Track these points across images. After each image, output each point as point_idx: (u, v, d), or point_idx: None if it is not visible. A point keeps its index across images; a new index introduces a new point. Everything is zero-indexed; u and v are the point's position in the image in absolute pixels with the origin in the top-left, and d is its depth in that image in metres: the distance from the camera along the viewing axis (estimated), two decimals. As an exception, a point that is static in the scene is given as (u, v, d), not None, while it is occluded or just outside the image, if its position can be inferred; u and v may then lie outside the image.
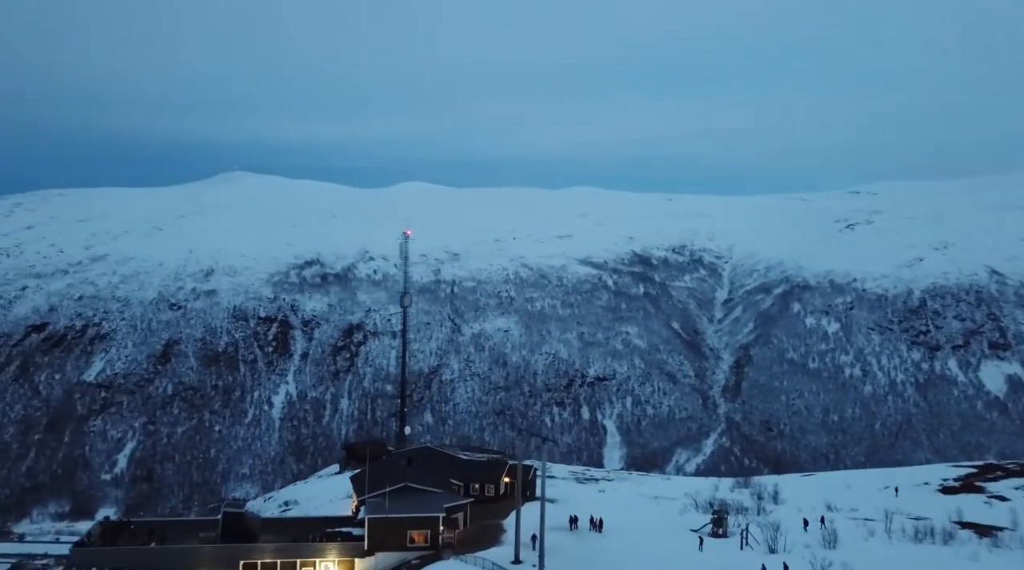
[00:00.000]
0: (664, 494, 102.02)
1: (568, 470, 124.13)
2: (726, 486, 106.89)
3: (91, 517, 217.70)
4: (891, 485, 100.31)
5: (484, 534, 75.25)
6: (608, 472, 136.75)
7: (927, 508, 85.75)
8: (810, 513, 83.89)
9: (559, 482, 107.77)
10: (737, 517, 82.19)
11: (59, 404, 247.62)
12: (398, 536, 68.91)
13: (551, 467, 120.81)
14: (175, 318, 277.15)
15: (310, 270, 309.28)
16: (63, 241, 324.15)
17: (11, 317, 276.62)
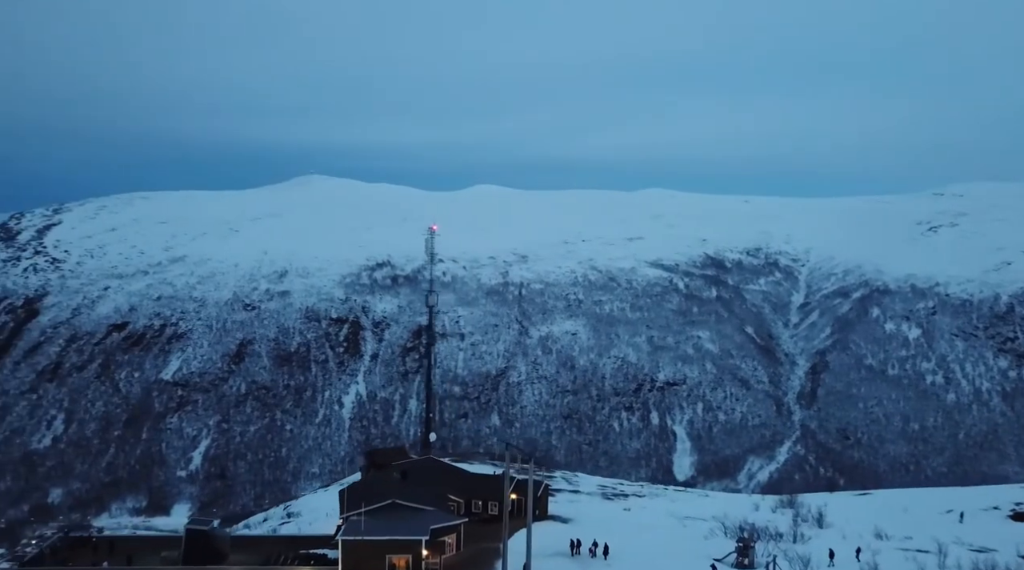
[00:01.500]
0: (696, 514, 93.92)
1: (598, 484, 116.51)
2: (768, 506, 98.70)
3: (167, 513, 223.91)
4: (956, 508, 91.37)
5: (476, 559, 68.66)
6: (642, 487, 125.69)
7: (994, 537, 77.29)
8: (856, 540, 76.74)
9: (583, 498, 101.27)
10: (768, 545, 74.85)
11: (138, 402, 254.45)
12: (376, 560, 61.97)
13: (579, 480, 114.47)
14: (249, 318, 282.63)
15: (381, 272, 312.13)
16: (144, 243, 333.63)
17: (94, 316, 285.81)
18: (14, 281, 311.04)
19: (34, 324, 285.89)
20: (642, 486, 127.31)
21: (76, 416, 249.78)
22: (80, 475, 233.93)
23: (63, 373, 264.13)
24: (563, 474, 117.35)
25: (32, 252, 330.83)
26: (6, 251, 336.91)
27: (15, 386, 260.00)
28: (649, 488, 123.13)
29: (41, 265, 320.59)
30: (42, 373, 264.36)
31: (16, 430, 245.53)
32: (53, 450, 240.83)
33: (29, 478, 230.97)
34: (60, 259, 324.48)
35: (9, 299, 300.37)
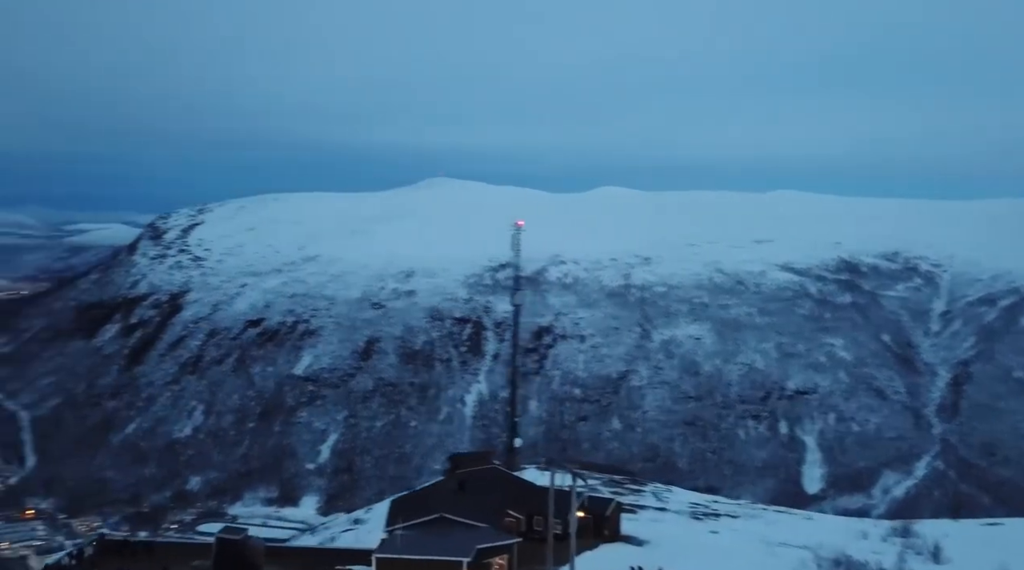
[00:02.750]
0: (792, 540, 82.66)
1: (689, 501, 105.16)
2: (878, 534, 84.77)
3: (295, 504, 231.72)
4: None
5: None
6: (740, 505, 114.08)
7: None
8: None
9: (668, 517, 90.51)
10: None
11: (271, 395, 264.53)
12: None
13: (670, 496, 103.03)
14: (376, 317, 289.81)
15: (503, 273, 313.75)
16: (279, 242, 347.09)
17: (231, 312, 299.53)
18: (160, 277, 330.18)
19: (177, 319, 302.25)
20: (740, 504, 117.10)
21: (214, 408, 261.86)
22: (217, 464, 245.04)
23: (203, 366, 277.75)
24: (655, 488, 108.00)
25: (177, 250, 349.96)
26: (154, 249, 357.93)
27: (160, 377, 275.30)
28: (747, 508, 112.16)
29: (185, 263, 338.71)
30: (184, 366, 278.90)
31: (160, 419, 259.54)
32: (193, 439, 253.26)
33: (171, 465, 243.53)
34: (202, 257, 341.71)
35: (156, 295, 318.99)
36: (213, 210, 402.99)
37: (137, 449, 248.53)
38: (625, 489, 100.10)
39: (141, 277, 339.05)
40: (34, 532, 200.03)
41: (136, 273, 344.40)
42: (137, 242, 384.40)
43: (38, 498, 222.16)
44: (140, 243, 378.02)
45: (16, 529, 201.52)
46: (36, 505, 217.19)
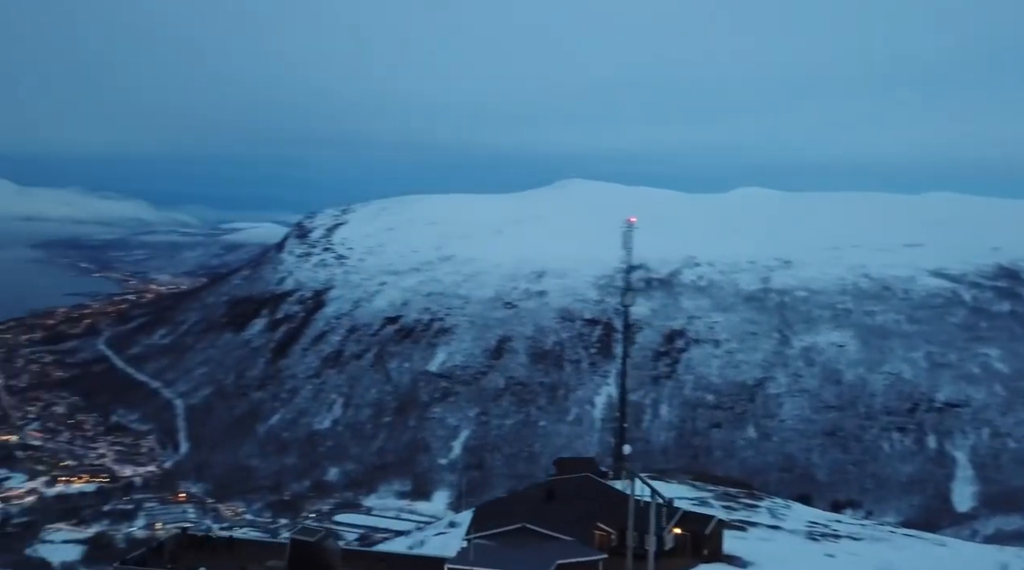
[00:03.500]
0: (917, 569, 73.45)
1: (807, 519, 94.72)
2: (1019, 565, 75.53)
3: (428, 499, 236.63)
4: None
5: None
6: (864, 526, 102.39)
7: None
8: None
9: (781, 537, 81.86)
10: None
11: (407, 391, 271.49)
12: None
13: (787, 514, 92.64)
14: (508, 316, 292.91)
15: (635, 274, 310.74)
16: (417, 242, 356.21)
17: (371, 309, 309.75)
18: (306, 275, 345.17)
19: (320, 315, 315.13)
20: (864, 525, 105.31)
21: (353, 401, 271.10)
22: (354, 456, 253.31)
23: (343, 361, 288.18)
24: (771, 504, 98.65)
25: (321, 249, 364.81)
26: (300, 247, 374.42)
27: (303, 371, 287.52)
28: (873, 529, 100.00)
29: (328, 261, 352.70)
30: (326, 360, 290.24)
31: (302, 411, 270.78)
32: (332, 431, 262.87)
33: (311, 456, 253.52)
34: (345, 256, 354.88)
35: (301, 291, 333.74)
36: (356, 210, 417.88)
37: (280, 439, 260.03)
38: (739, 503, 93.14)
39: (288, 274, 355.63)
40: (185, 514, 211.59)
41: (283, 270, 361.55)
42: (285, 241, 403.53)
43: (189, 482, 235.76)
44: (287, 242, 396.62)
45: (169, 510, 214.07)
46: (187, 489, 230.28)
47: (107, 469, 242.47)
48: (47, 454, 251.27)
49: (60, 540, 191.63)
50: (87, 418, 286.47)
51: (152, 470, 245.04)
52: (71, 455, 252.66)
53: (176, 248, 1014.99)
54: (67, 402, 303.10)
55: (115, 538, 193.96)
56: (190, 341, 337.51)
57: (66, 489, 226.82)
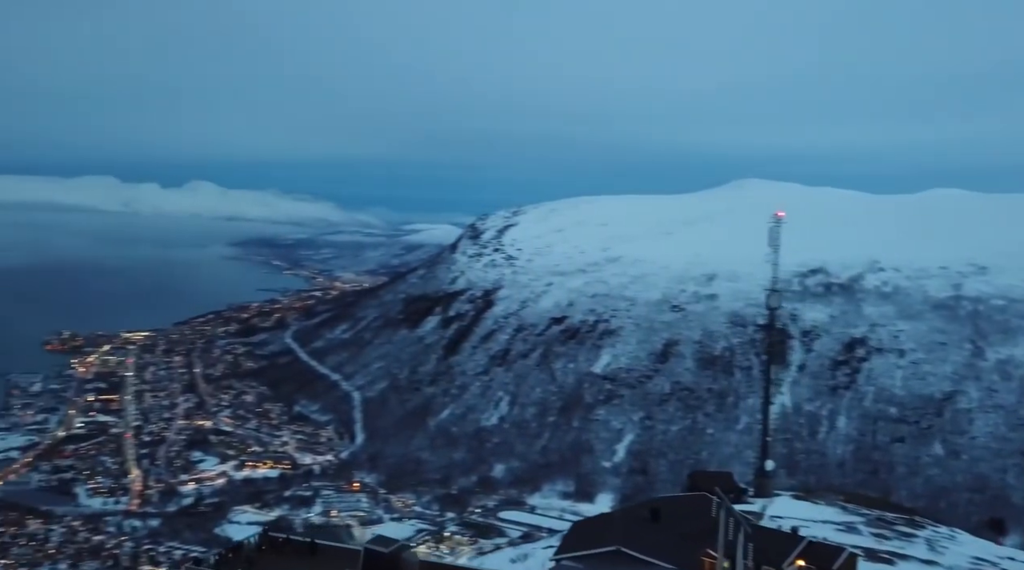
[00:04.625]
0: None
1: (972, 554, 77.14)
2: None
3: (591, 500, 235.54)
4: None
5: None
6: None
7: None
8: None
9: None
10: None
11: (571, 391, 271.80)
12: None
13: (949, 548, 77.81)
14: (675, 319, 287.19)
15: (813, 279, 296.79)
16: (584, 243, 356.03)
17: (537, 309, 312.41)
18: (476, 275, 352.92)
19: (489, 314, 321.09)
20: None
21: (519, 400, 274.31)
22: (519, 454, 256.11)
23: (510, 359, 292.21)
24: (932, 534, 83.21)
25: (492, 250, 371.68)
26: (472, 248, 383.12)
27: (471, 368, 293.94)
28: None
29: (498, 261, 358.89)
30: (493, 358, 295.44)
31: (471, 407, 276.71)
32: (499, 428, 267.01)
33: (478, 452, 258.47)
34: (514, 256, 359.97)
35: (471, 290, 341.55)
36: (527, 212, 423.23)
37: (449, 434, 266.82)
38: (893, 532, 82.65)
39: (460, 274, 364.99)
40: (359, 503, 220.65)
41: (456, 270, 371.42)
42: (458, 242, 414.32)
43: (364, 472, 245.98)
44: (461, 242, 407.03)
45: (344, 499, 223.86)
46: (362, 479, 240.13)
47: (289, 456, 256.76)
48: (237, 440, 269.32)
49: (245, 521, 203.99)
50: (273, 407, 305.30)
51: (330, 459, 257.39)
52: (258, 442, 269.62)
53: (360, 248, 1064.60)
54: (256, 392, 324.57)
55: (293, 523, 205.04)
56: (368, 336, 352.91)
57: (252, 474, 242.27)
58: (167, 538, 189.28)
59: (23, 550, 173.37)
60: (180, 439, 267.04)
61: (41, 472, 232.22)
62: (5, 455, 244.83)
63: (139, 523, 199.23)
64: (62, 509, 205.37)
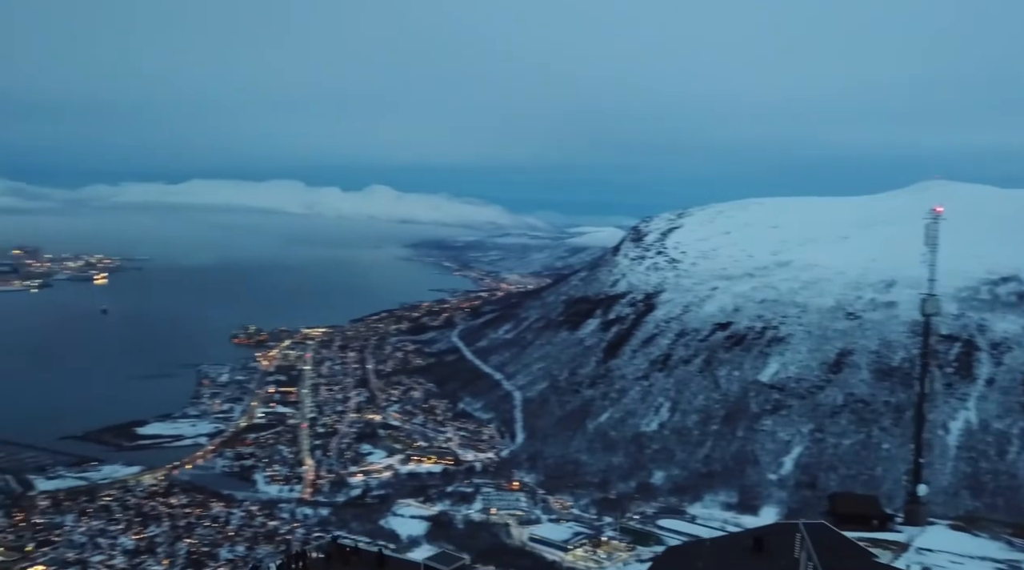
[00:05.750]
0: None
1: None
2: None
3: (754, 513, 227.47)
4: None
5: None
6: None
7: None
8: None
9: None
10: None
11: (735, 399, 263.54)
12: None
13: None
14: (850, 328, 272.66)
15: (1005, 287, 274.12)
16: (753, 246, 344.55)
17: (701, 314, 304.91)
18: (638, 278, 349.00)
19: (651, 318, 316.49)
20: None
21: (680, 406, 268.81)
22: (679, 462, 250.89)
23: (671, 365, 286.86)
24: None
25: (655, 252, 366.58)
26: (635, 250, 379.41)
27: (631, 372, 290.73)
28: None
29: (661, 264, 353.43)
30: (654, 363, 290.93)
31: (630, 412, 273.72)
32: (658, 434, 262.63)
33: (637, 457, 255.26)
34: (677, 259, 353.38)
35: (632, 294, 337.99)
36: (693, 214, 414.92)
37: (608, 437, 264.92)
38: None
39: (621, 277, 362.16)
40: (518, 502, 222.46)
41: (617, 273, 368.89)
42: (621, 244, 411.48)
43: (523, 472, 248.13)
44: (623, 245, 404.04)
45: (504, 498, 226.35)
46: (521, 478, 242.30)
47: (452, 452, 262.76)
48: (404, 434, 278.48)
49: (408, 515, 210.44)
50: (439, 404, 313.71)
51: (491, 457, 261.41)
52: (423, 437, 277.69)
53: (526, 250, 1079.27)
54: (423, 388, 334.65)
55: (455, 519, 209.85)
56: (530, 337, 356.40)
57: (416, 468, 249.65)
58: (335, 527, 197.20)
59: (206, 531, 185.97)
60: (351, 432, 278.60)
61: (225, 458, 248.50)
62: (194, 441, 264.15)
63: (310, 511, 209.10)
64: (242, 494, 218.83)
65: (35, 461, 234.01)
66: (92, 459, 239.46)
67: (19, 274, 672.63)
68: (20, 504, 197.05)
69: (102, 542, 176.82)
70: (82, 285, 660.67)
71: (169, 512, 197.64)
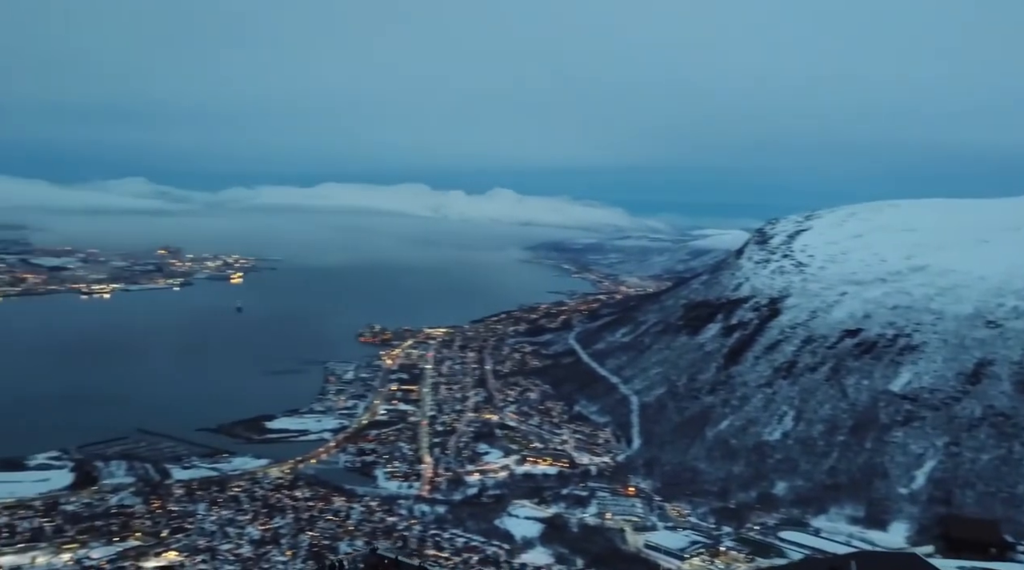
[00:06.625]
0: None
1: None
2: None
3: (883, 528, 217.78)
4: None
5: None
6: None
7: None
8: None
9: None
10: None
11: (864, 410, 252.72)
12: None
13: None
14: (990, 337, 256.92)
15: None
16: (886, 250, 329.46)
17: (829, 321, 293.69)
18: (762, 282, 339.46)
19: (775, 323, 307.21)
20: None
21: (804, 415, 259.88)
22: (803, 473, 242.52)
23: (796, 372, 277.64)
24: None
25: (780, 256, 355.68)
26: (759, 253, 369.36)
27: (754, 379, 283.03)
28: None
29: (787, 268, 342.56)
30: (778, 370, 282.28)
31: (752, 420, 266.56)
32: (781, 444, 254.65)
33: (758, 466, 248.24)
34: (804, 263, 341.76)
35: (756, 298, 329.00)
36: (822, 217, 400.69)
37: (728, 445, 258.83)
38: None
39: (744, 280, 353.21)
40: (633, 508, 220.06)
41: (740, 276, 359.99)
42: (744, 247, 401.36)
43: (639, 477, 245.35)
44: (747, 248, 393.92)
45: (619, 502, 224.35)
46: (637, 483, 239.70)
47: (568, 455, 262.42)
48: (520, 435, 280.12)
49: (523, 516, 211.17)
50: (555, 406, 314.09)
51: (606, 461, 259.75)
52: (539, 438, 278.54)
53: (646, 253, 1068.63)
54: (540, 389, 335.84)
55: (569, 522, 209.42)
56: (648, 341, 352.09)
57: (532, 469, 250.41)
58: (451, 526, 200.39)
59: (327, 525, 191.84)
60: (468, 431, 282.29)
61: (348, 454, 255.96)
62: (319, 436, 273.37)
63: (427, 508, 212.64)
64: (362, 489, 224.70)
65: (172, 451, 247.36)
66: (224, 451, 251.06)
67: (163, 273, 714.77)
68: (158, 492, 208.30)
69: (230, 531, 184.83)
70: (220, 284, 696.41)
71: (293, 505, 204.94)
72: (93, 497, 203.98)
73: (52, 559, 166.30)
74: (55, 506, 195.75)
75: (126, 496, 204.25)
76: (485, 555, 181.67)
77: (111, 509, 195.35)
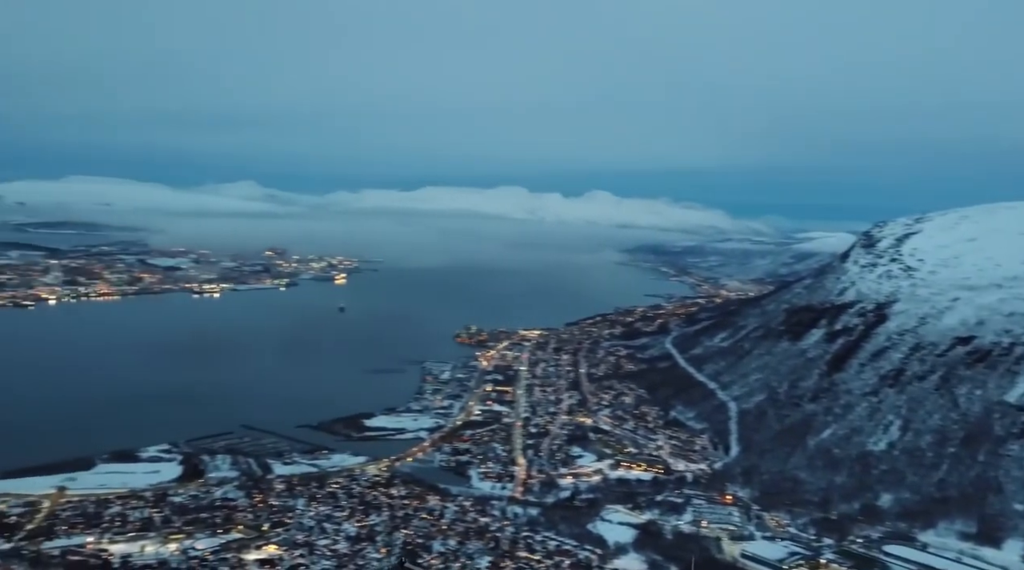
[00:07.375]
0: None
1: None
2: None
3: (996, 546, 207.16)
4: None
5: None
6: None
7: None
8: None
9: None
10: None
11: (976, 421, 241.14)
12: None
13: None
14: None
15: None
16: (1001, 254, 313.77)
17: (939, 327, 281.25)
18: (868, 286, 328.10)
19: (881, 329, 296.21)
20: None
21: (912, 425, 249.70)
22: (910, 485, 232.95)
23: (903, 381, 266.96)
24: None
25: (888, 260, 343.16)
26: (865, 257, 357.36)
27: (858, 387, 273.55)
28: None
29: (895, 272, 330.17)
30: (884, 378, 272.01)
31: (855, 429, 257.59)
32: (887, 455, 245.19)
33: (862, 477, 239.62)
34: (913, 267, 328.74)
35: (862, 303, 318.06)
36: (932, 219, 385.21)
37: (830, 455, 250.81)
38: None
39: (850, 285, 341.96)
40: (730, 517, 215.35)
41: (845, 281, 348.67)
42: (850, 250, 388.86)
43: (736, 486, 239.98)
44: (853, 251, 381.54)
45: (716, 511, 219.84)
46: (734, 492, 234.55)
47: (663, 461, 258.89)
48: (614, 439, 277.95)
49: (616, 521, 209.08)
50: (650, 410, 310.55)
51: (703, 468, 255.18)
52: (633, 443, 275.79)
53: (748, 256, 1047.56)
54: (634, 394, 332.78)
55: (663, 529, 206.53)
56: (747, 346, 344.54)
57: (625, 474, 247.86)
58: (543, 528, 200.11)
59: (421, 523, 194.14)
60: (562, 434, 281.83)
61: (443, 453, 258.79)
62: (415, 435, 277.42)
63: (520, 510, 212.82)
64: (456, 489, 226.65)
65: (275, 447, 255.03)
66: (324, 448, 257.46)
67: (270, 273, 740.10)
68: (260, 486, 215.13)
69: (328, 527, 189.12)
70: (323, 284, 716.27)
71: (389, 502, 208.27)
72: (199, 490, 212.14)
73: (160, 548, 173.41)
74: (164, 497, 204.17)
75: (230, 490, 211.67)
76: (577, 559, 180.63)
77: (216, 502, 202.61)
